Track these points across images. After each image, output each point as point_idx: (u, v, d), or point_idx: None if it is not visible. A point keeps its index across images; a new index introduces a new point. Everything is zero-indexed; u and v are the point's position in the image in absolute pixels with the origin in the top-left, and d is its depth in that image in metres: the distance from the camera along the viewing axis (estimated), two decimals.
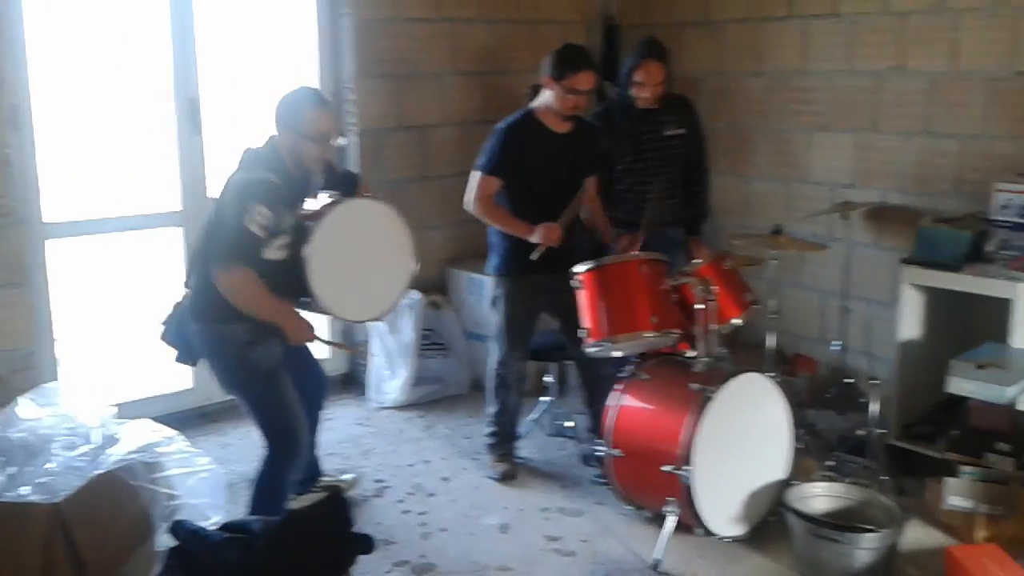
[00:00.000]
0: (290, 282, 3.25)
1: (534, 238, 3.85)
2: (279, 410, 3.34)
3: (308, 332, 3.34)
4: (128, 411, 3.90)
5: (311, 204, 3.45)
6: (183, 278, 3.42)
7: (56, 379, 4.10)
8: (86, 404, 3.50)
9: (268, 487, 3.40)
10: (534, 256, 3.85)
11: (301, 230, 3.26)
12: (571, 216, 3.93)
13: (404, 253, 3.56)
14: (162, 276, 4.65)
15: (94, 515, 2.96)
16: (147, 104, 4.53)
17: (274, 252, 3.19)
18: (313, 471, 3.87)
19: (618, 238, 4.15)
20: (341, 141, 3.36)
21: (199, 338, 3.31)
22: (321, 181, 3.50)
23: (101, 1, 4.31)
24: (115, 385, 4.45)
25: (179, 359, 3.44)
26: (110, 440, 3.35)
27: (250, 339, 3.24)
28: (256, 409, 3.36)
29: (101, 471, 3.12)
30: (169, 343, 3.43)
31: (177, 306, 3.40)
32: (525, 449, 4.40)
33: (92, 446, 3.28)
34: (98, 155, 4.45)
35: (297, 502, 3.76)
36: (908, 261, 4.07)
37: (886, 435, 4.04)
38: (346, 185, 3.60)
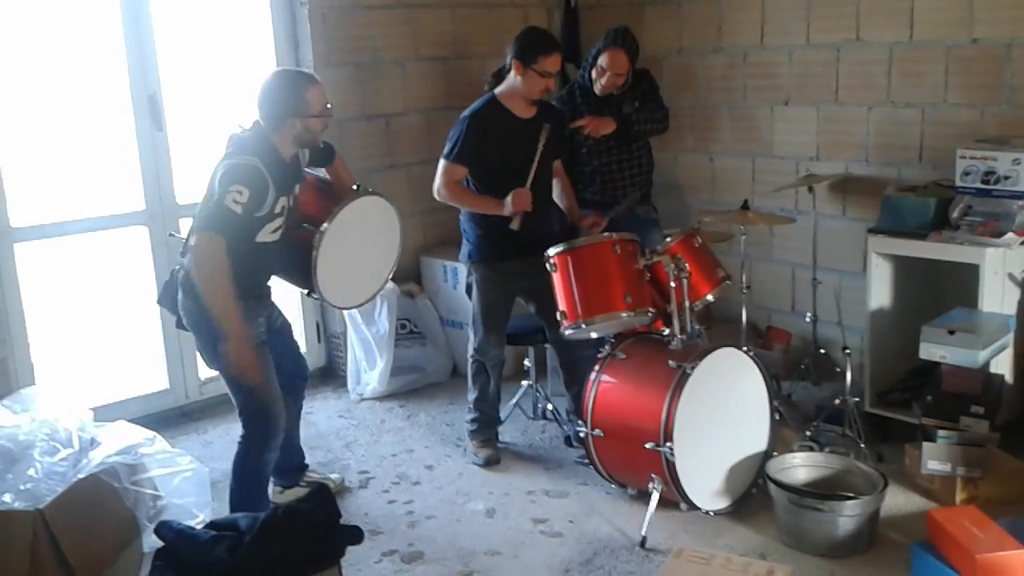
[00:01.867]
0: (281, 264, 3.40)
1: (506, 210, 3.84)
2: (257, 390, 3.34)
3: (250, 365, 3.21)
4: (106, 414, 3.89)
5: (309, 188, 3.53)
6: (182, 249, 3.42)
7: (33, 384, 4.05)
8: (64, 408, 3.47)
9: (246, 470, 3.41)
10: (513, 226, 3.83)
11: (310, 219, 3.39)
12: (535, 175, 3.92)
13: (392, 249, 3.74)
14: (130, 276, 4.61)
15: (78, 519, 2.93)
16: (108, 102, 4.47)
17: (267, 235, 3.26)
18: (297, 460, 3.87)
19: (584, 218, 4.15)
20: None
21: (184, 310, 3.32)
22: (306, 159, 3.54)
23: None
24: (92, 388, 4.40)
25: (178, 325, 3.42)
26: (90, 443, 3.34)
27: None
28: (234, 387, 3.36)
29: (83, 475, 3.10)
30: (166, 307, 3.45)
31: (173, 274, 3.40)
32: (507, 433, 4.42)
33: (72, 450, 3.27)
34: (61, 157, 4.39)
35: (283, 496, 3.77)
36: (875, 231, 4.12)
37: (862, 403, 4.10)
38: (324, 158, 3.63)
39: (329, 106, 3.35)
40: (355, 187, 3.57)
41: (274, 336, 3.51)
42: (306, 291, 3.53)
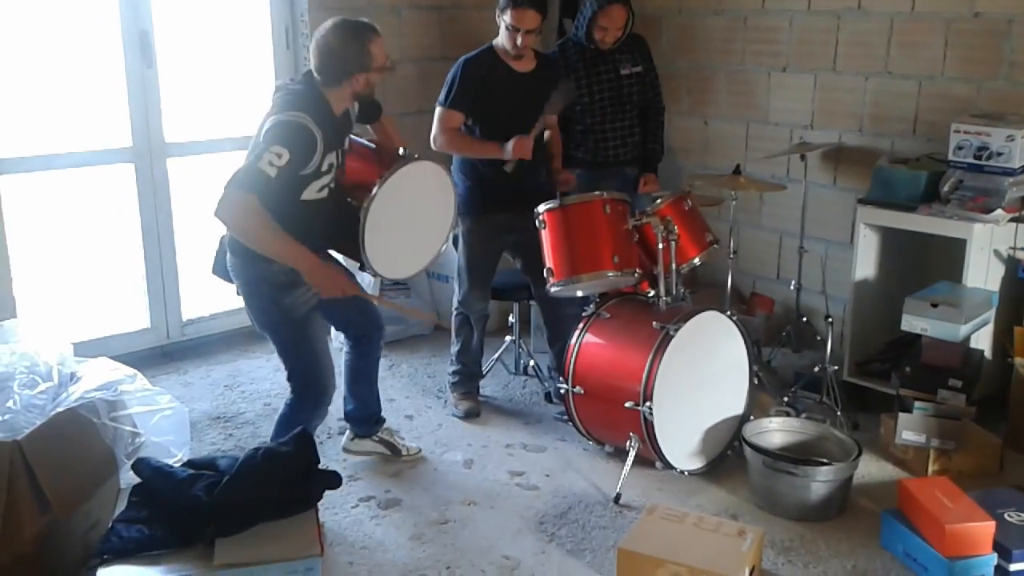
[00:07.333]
0: (330, 228, 3.25)
1: (505, 155, 3.82)
2: (308, 358, 3.26)
3: (338, 283, 3.14)
4: (86, 350, 3.87)
5: (356, 155, 3.41)
6: None
7: (14, 317, 4.03)
8: (45, 342, 3.45)
9: (288, 430, 3.26)
10: (507, 168, 3.83)
11: (356, 189, 3.23)
12: (540, 129, 3.90)
13: (445, 217, 3.55)
14: (115, 213, 4.58)
15: (56, 452, 2.93)
16: (99, 38, 4.40)
17: (313, 193, 3.13)
18: (374, 411, 3.76)
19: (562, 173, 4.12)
20: None
21: (235, 272, 3.20)
22: (355, 112, 3.41)
23: None
24: (73, 324, 4.38)
25: (238, 291, 3.27)
26: (70, 378, 3.32)
27: (286, 281, 3.13)
28: (284, 352, 3.28)
29: (62, 409, 3.09)
30: (219, 276, 3.31)
31: (221, 240, 3.28)
32: (488, 387, 4.44)
33: (52, 384, 3.25)
34: (49, 90, 4.33)
35: (354, 444, 3.75)
36: (864, 201, 4.12)
37: (840, 372, 4.13)
38: (372, 114, 3.46)
39: (388, 56, 3.20)
40: (401, 151, 3.39)
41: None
42: (358, 265, 3.35)
